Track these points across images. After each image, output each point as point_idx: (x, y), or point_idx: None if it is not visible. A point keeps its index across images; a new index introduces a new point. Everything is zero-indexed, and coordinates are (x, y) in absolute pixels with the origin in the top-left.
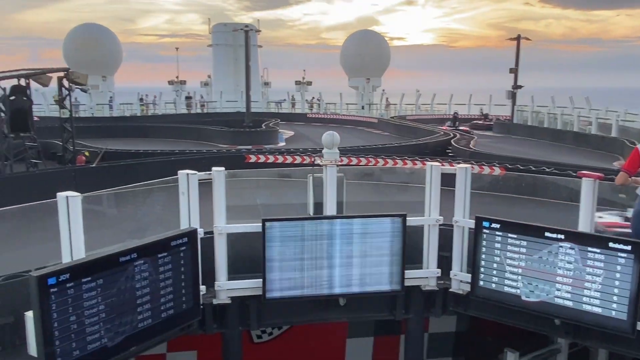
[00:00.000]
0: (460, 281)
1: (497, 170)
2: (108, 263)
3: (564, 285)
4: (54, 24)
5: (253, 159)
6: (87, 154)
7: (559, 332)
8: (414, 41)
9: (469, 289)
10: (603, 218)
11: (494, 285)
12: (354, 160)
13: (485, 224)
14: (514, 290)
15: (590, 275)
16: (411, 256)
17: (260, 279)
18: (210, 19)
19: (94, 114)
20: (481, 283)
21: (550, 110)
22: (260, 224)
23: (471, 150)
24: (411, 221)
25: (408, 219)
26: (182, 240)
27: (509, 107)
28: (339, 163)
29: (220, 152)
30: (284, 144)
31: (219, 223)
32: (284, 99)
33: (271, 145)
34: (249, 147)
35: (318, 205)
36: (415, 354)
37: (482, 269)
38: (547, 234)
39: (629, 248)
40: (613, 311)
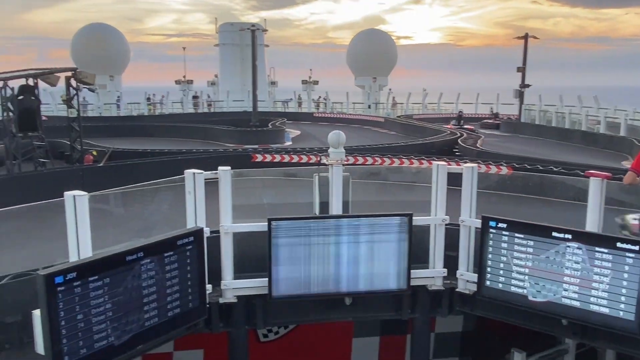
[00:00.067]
0: (467, 281)
1: (504, 170)
2: (115, 262)
3: (571, 286)
4: (62, 24)
5: (259, 158)
6: (95, 153)
7: (566, 333)
8: (421, 40)
9: (475, 289)
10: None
11: (500, 285)
12: (360, 160)
13: (492, 223)
14: (520, 290)
15: (597, 276)
16: (417, 256)
17: (266, 278)
18: (217, 18)
19: (101, 113)
20: (488, 283)
21: (558, 109)
22: (266, 223)
23: (478, 150)
24: (417, 221)
25: (414, 218)
26: (189, 239)
27: (516, 106)
28: (345, 162)
29: (226, 152)
30: (290, 143)
31: (225, 222)
32: (291, 98)
33: (277, 145)
34: (256, 147)
35: (324, 205)
36: (421, 354)
37: (489, 269)
38: (555, 234)
39: (636, 248)
40: (621, 312)
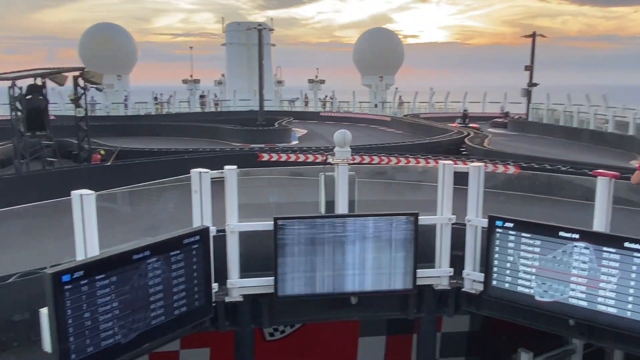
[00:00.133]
0: (473, 281)
1: (512, 169)
2: (121, 260)
3: (578, 286)
4: (70, 24)
5: (266, 157)
6: (103, 152)
7: (573, 333)
8: (428, 39)
9: (481, 289)
10: None
11: (507, 285)
12: (366, 159)
13: (499, 223)
14: (527, 290)
15: (605, 276)
16: (423, 255)
17: (272, 277)
18: (224, 17)
19: (109, 112)
20: (494, 283)
21: (566, 108)
22: (272, 222)
23: (485, 149)
24: (423, 220)
25: (420, 217)
26: (195, 238)
27: (524, 105)
28: (351, 161)
29: (233, 151)
30: (296, 142)
31: (231, 221)
32: (297, 97)
33: (284, 144)
34: (262, 146)
35: (330, 204)
36: (427, 354)
37: (495, 269)
38: (562, 234)
39: None
40: (628, 312)
